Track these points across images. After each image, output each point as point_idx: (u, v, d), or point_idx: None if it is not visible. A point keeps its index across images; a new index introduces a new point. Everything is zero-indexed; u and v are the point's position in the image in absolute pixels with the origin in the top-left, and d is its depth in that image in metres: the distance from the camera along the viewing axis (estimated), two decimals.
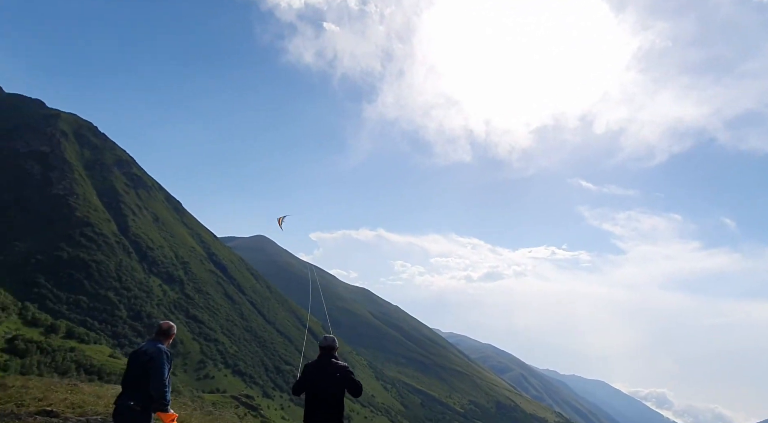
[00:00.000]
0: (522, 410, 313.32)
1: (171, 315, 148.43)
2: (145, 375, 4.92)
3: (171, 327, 5.50)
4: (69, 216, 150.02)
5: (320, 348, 5.68)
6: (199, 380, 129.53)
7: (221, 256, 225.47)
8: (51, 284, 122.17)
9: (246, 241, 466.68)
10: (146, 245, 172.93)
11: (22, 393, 11.06)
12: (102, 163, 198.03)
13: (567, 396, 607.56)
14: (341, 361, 5.49)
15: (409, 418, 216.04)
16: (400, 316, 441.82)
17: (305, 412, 5.35)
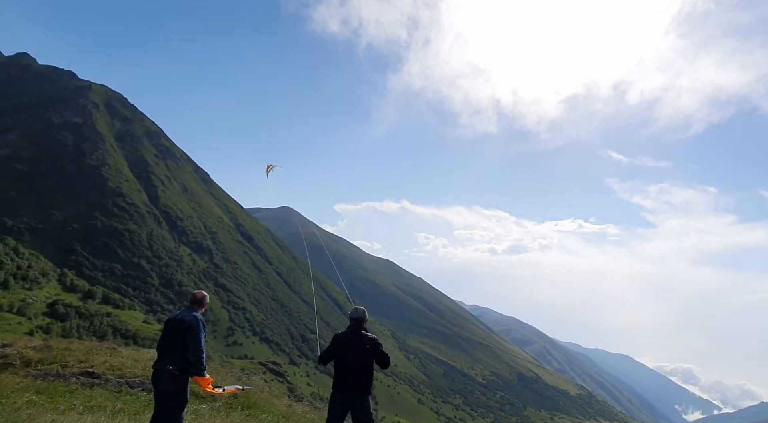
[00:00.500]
0: (544, 382, 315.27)
1: (200, 284, 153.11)
2: (183, 341, 5.20)
3: (205, 296, 5.76)
4: (102, 186, 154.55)
5: (350, 319, 5.82)
6: (228, 346, 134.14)
7: (248, 226, 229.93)
8: (87, 252, 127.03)
9: (272, 212, 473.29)
10: (176, 215, 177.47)
11: (66, 355, 11.76)
12: (132, 134, 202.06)
13: (590, 369, 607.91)
14: (371, 334, 5.63)
15: (432, 388, 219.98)
16: (423, 288, 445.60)
17: (335, 380, 5.56)
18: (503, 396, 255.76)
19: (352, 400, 5.38)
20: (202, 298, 5.73)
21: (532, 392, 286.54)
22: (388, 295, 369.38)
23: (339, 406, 5.44)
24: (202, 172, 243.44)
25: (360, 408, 5.35)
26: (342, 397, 5.44)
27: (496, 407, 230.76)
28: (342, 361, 5.54)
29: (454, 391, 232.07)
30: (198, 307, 5.59)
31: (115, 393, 9.84)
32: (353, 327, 5.73)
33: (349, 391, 5.41)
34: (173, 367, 5.11)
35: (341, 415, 5.44)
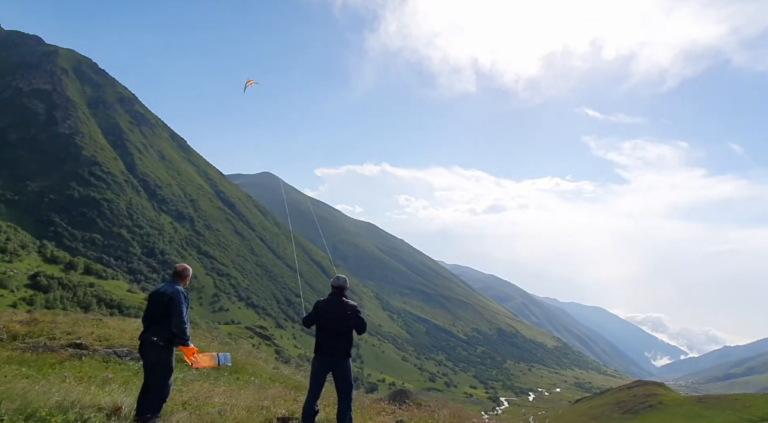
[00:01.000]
0: (522, 336, 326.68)
1: (183, 252, 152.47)
2: (166, 314, 5.38)
3: (185, 269, 5.91)
4: (77, 155, 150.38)
5: (332, 287, 6.09)
6: (215, 313, 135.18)
7: (229, 193, 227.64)
8: (66, 223, 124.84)
9: (252, 178, 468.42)
10: (154, 183, 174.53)
11: (52, 327, 11.91)
12: (104, 100, 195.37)
13: (566, 322, 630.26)
14: (351, 301, 5.91)
15: (415, 346, 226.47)
16: (404, 249, 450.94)
17: (316, 344, 5.88)
18: (484, 351, 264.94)
19: (333, 363, 5.70)
20: (182, 270, 5.88)
21: (512, 346, 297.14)
22: (370, 258, 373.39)
23: (320, 368, 5.78)
24: (179, 139, 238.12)
25: (340, 370, 5.68)
26: (323, 360, 5.76)
27: (477, 361, 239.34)
28: (323, 326, 5.84)
29: (436, 347, 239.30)
30: (180, 280, 5.76)
31: (104, 363, 10.06)
32: (334, 294, 6.00)
33: (329, 354, 5.73)
34: (158, 338, 5.34)
35: (323, 376, 5.77)
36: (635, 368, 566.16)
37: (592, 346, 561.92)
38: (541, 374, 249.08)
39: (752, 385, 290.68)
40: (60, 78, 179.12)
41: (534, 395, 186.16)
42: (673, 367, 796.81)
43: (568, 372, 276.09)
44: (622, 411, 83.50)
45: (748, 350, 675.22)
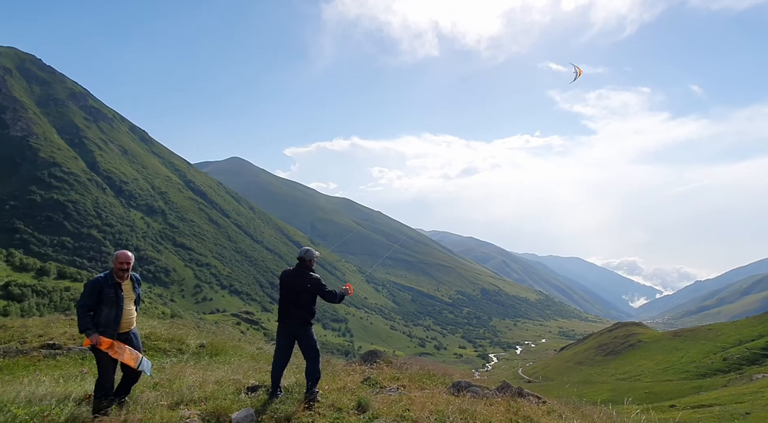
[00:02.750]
0: (505, 293, 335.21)
1: (159, 246, 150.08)
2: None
3: (117, 253, 5.57)
4: (33, 158, 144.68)
5: (298, 258, 6.21)
6: (198, 303, 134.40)
7: (199, 182, 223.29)
8: (31, 228, 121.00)
9: (221, 165, 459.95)
10: (120, 179, 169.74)
11: (23, 331, 11.77)
12: (55, 98, 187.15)
13: (546, 275, 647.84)
14: (315, 274, 6.04)
15: (402, 314, 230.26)
16: (383, 221, 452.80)
17: (279, 313, 6.06)
18: (470, 311, 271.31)
19: (295, 331, 5.88)
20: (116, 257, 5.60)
21: (496, 304, 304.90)
22: (349, 232, 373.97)
23: (284, 336, 5.97)
24: (140, 131, 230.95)
25: (303, 337, 5.89)
26: (286, 328, 5.95)
27: (464, 322, 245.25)
28: (285, 296, 5.99)
29: (423, 313, 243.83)
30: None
31: (79, 360, 10.02)
32: (298, 265, 6.12)
33: (291, 323, 5.90)
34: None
35: (288, 344, 5.96)
36: (615, 311, 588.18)
37: (572, 295, 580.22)
38: (526, 328, 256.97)
39: (723, 315, 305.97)
40: (3, 78, 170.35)
41: (521, 348, 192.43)
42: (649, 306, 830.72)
43: (551, 322, 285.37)
44: (605, 353, 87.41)
45: (718, 282, 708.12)
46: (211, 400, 5.20)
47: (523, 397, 6.23)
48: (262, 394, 5.61)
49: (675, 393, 47.22)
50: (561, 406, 6.25)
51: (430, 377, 7.41)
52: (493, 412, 5.25)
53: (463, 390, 6.24)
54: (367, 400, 5.41)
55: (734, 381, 49.50)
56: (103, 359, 5.18)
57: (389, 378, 7.06)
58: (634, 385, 57.36)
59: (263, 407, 5.12)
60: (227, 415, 4.76)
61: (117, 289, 5.42)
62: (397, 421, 4.86)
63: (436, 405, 5.33)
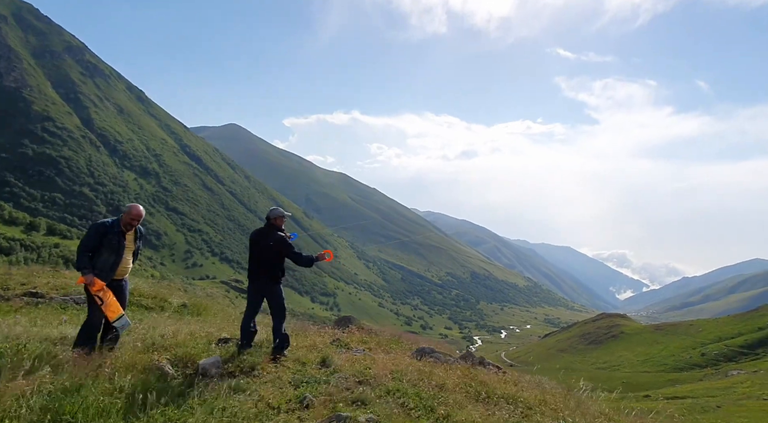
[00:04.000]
0: (495, 278, 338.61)
1: (151, 209, 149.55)
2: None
3: (129, 206, 5.71)
4: (26, 110, 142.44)
5: (266, 218, 6.35)
6: (188, 269, 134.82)
7: (194, 147, 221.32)
8: (22, 182, 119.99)
9: (218, 131, 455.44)
10: (114, 139, 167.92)
11: (6, 279, 11.89)
12: (51, 50, 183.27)
13: (537, 262, 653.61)
14: (281, 233, 6.18)
15: (391, 292, 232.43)
16: (378, 199, 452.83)
17: (249, 270, 6.27)
18: (458, 293, 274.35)
19: (264, 288, 6.09)
20: (126, 207, 5.75)
21: (485, 287, 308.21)
22: (344, 208, 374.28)
23: (254, 293, 6.21)
24: (137, 91, 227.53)
25: (271, 294, 6.13)
26: (255, 285, 6.17)
27: (451, 304, 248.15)
28: (254, 254, 6.17)
29: (412, 293, 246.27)
30: (122, 215, 5.67)
31: (60, 310, 10.18)
32: (266, 225, 6.27)
33: (259, 281, 6.11)
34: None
35: (257, 301, 6.21)
36: (601, 302, 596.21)
37: (560, 284, 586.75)
38: (512, 313, 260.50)
39: (707, 311, 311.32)
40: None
41: (506, 332, 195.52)
42: (635, 299, 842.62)
43: (538, 309, 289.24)
44: (588, 342, 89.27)
45: (705, 280, 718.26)
46: (182, 347, 5.40)
47: (483, 366, 6.49)
48: (232, 347, 5.84)
49: (651, 384, 48.58)
50: (519, 376, 6.52)
51: (397, 343, 7.69)
52: (450, 375, 5.50)
53: (426, 355, 6.48)
54: (331, 357, 5.67)
55: (710, 376, 50.92)
56: (93, 299, 5.38)
57: (358, 341, 7.32)
58: (613, 374, 58.81)
59: (231, 357, 5.35)
60: (195, 362, 4.97)
61: (120, 237, 5.59)
62: (356, 376, 5.09)
63: (396, 365, 5.57)
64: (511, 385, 5.74)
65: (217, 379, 4.59)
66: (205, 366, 4.83)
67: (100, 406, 3.43)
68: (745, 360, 55.90)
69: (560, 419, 4.66)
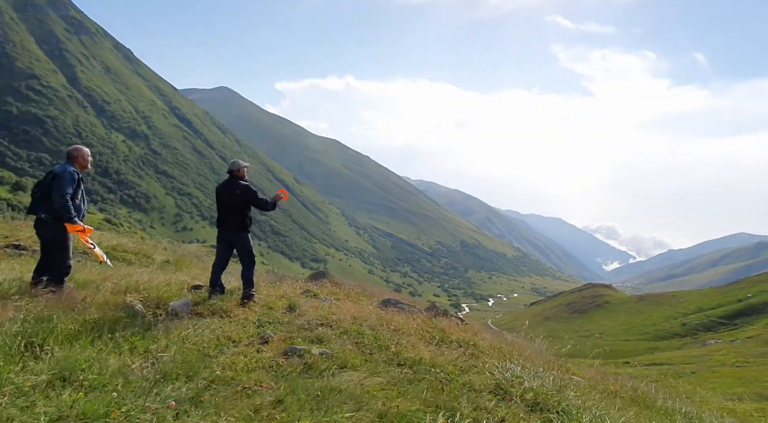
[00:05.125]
0: (484, 247, 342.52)
1: (140, 171, 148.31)
2: (51, 190, 5.41)
3: (75, 149, 5.81)
4: (10, 66, 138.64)
5: (228, 172, 6.60)
6: (178, 232, 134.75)
7: (184, 109, 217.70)
8: (7, 141, 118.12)
9: (209, 94, 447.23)
10: (101, 99, 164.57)
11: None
12: (33, 3, 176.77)
13: (526, 233, 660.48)
14: (244, 182, 6.45)
15: (381, 259, 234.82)
16: (370, 166, 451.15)
17: (217, 221, 6.58)
18: (447, 262, 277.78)
19: (231, 236, 6.42)
20: (72, 151, 5.79)
21: (474, 257, 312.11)
22: (336, 175, 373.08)
23: (222, 241, 6.57)
24: (124, 49, 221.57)
25: (238, 242, 6.50)
26: (222, 233, 6.54)
27: (440, 272, 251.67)
28: (220, 205, 6.45)
29: (401, 260, 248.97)
30: (71, 162, 5.75)
31: None
32: (230, 177, 6.52)
33: (226, 229, 6.45)
34: (45, 215, 5.44)
35: (226, 249, 6.58)
36: (588, 273, 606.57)
37: (549, 254, 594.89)
38: (500, 281, 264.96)
39: (690, 283, 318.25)
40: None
41: (493, 301, 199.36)
42: (621, 270, 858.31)
43: (525, 279, 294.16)
44: (572, 311, 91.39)
45: (690, 253, 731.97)
46: (155, 291, 5.68)
47: (446, 317, 6.87)
48: (204, 293, 6.16)
49: (632, 352, 50.21)
50: (480, 328, 6.91)
51: (365, 295, 8.07)
52: (410, 322, 5.86)
53: (391, 305, 6.84)
54: (298, 303, 6.00)
55: (689, 345, 52.72)
56: (69, 244, 5.56)
57: (328, 292, 7.69)
58: (596, 342, 60.45)
59: (202, 301, 5.65)
60: (167, 304, 5.25)
61: (82, 182, 5.75)
62: (319, 320, 5.43)
63: (359, 312, 5.91)
64: (468, 333, 6.12)
65: (186, 319, 4.88)
66: (175, 307, 5.12)
67: (70, 333, 3.74)
68: (723, 330, 57.71)
69: (506, 360, 5.02)
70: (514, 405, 3.84)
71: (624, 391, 6.83)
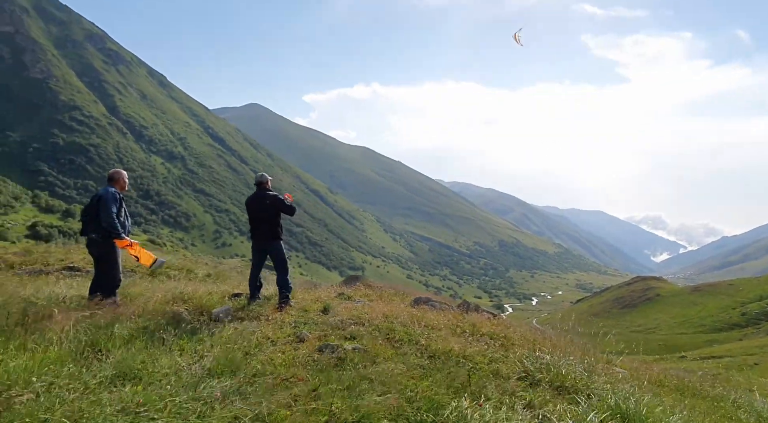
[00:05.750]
0: (524, 245, 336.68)
1: (179, 191, 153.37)
2: (98, 211, 6.09)
3: (116, 172, 6.51)
4: (54, 100, 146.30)
5: (255, 184, 7.03)
6: (218, 249, 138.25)
7: (217, 128, 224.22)
8: (55, 171, 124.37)
9: (240, 111, 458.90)
10: (139, 124, 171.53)
11: (46, 256, 12.96)
12: (72, 39, 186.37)
13: (566, 228, 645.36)
14: (271, 192, 6.86)
15: (419, 264, 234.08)
16: (402, 171, 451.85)
17: (250, 230, 6.99)
18: (487, 262, 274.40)
19: (265, 245, 6.83)
20: (113, 175, 6.48)
21: (513, 255, 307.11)
22: (369, 182, 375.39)
23: (257, 251, 7.01)
24: (158, 76, 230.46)
25: (272, 250, 6.94)
26: (257, 243, 6.94)
27: (480, 273, 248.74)
28: (252, 217, 6.87)
29: (440, 263, 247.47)
30: (111, 183, 6.39)
31: None
32: (257, 190, 6.93)
33: (260, 238, 6.85)
34: (95, 235, 6.11)
35: (261, 258, 7.03)
36: (635, 266, 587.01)
37: (592, 248, 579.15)
38: (543, 279, 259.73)
39: (747, 270, 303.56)
40: (21, 18, 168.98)
41: (537, 299, 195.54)
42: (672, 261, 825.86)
43: (569, 275, 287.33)
44: (621, 306, 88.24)
45: (745, 239, 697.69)
46: (199, 300, 6.12)
47: (477, 312, 7.01)
48: (243, 300, 6.62)
49: (689, 345, 48.26)
50: (512, 322, 7.02)
51: (398, 295, 8.31)
52: (441, 318, 6.06)
53: (422, 303, 7.05)
54: (332, 305, 6.33)
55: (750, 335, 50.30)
56: (118, 260, 6.21)
57: (361, 295, 7.98)
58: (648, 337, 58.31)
59: (242, 308, 6.10)
60: (210, 311, 5.66)
61: (123, 201, 6.49)
62: (352, 320, 5.71)
63: (391, 311, 6.16)
64: (500, 327, 6.25)
65: (228, 323, 5.28)
66: (217, 313, 5.53)
67: (126, 338, 4.23)
68: None
69: (537, 350, 5.14)
70: (542, 389, 3.99)
71: (668, 380, 6.81)
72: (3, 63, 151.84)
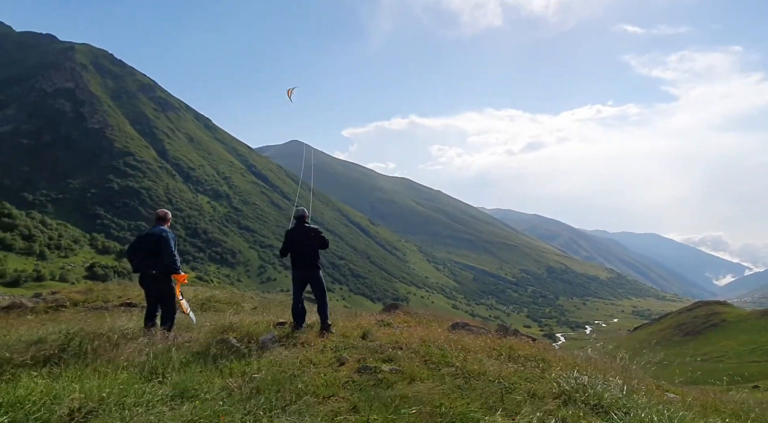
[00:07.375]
0: (573, 271, 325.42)
1: (225, 228, 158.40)
2: (157, 251, 6.64)
3: (166, 213, 7.27)
4: (110, 148, 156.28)
5: (295, 218, 7.48)
6: (263, 284, 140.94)
7: (260, 166, 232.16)
8: (110, 214, 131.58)
9: (281, 148, 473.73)
10: (187, 166, 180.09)
11: (106, 293, 13.91)
12: (126, 90, 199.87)
13: (618, 253, 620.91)
14: (312, 225, 7.30)
15: (464, 293, 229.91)
16: (443, 200, 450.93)
17: (292, 261, 7.43)
18: (534, 290, 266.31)
19: (306, 274, 7.21)
20: (164, 215, 7.23)
21: (563, 282, 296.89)
22: (410, 213, 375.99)
23: (298, 280, 7.43)
24: (204, 119, 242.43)
25: (313, 280, 7.36)
26: (298, 273, 7.35)
27: (528, 301, 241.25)
28: (294, 248, 7.30)
29: (485, 292, 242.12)
30: (163, 223, 7.07)
31: None
32: (298, 223, 7.38)
33: (302, 268, 7.26)
34: (156, 271, 6.66)
35: (302, 286, 7.47)
36: (696, 290, 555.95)
37: (647, 273, 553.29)
38: (596, 307, 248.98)
39: None
40: (80, 74, 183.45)
41: (591, 328, 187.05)
42: (737, 284, 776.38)
43: (624, 301, 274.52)
44: (683, 333, 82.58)
45: None
46: (246, 328, 6.53)
47: (516, 336, 7.06)
48: (287, 328, 6.99)
49: (762, 375, 44.68)
50: (551, 345, 7.02)
51: (436, 321, 8.44)
52: (478, 342, 6.18)
53: (459, 328, 7.17)
54: (371, 330, 6.58)
55: None
56: (173, 297, 6.73)
57: (401, 321, 8.18)
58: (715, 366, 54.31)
59: (286, 335, 6.45)
60: (256, 338, 6.04)
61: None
62: (390, 344, 5.94)
63: (428, 335, 6.35)
64: (538, 349, 6.30)
65: (273, 348, 5.64)
66: (263, 340, 5.91)
67: (182, 362, 4.69)
68: None
69: (575, 371, 5.16)
70: (577, 407, 4.05)
71: (724, 405, 6.59)
72: (65, 116, 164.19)
